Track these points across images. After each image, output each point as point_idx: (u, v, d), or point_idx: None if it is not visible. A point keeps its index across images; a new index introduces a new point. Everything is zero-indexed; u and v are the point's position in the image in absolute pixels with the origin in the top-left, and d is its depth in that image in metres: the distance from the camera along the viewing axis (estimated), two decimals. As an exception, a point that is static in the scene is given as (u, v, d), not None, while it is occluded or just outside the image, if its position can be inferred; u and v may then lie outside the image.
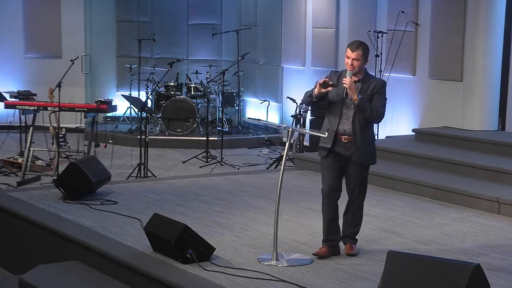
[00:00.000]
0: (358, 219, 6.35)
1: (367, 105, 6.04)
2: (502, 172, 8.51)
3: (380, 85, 6.13)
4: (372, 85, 6.11)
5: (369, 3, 11.90)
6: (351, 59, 6.07)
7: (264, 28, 14.01)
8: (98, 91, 14.53)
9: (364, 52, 6.07)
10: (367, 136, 6.16)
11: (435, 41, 10.90)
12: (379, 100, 6.09)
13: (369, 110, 6.04)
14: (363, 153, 6.15)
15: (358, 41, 6.21)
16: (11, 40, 14.36)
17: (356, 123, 6.10)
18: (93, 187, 8.10)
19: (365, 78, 6.15)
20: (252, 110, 14.37)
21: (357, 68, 6.08)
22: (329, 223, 6.23)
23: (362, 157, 6.16)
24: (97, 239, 6.54)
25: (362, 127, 6.10)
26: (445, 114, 10.76)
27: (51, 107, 10.15)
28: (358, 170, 6.19)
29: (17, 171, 10.17)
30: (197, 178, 9.52)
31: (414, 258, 4.90)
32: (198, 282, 5.51)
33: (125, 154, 11.50)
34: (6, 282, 6.94)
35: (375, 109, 6.06)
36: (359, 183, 6.23)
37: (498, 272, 5.89)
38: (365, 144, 6.14)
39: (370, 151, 6.22)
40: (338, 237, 6.30)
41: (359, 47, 6.08)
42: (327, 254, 6.19)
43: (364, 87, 6.11)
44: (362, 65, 6.10)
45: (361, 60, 6.07)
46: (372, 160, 6.27)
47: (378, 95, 6.09)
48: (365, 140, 6.14)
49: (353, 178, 6.22)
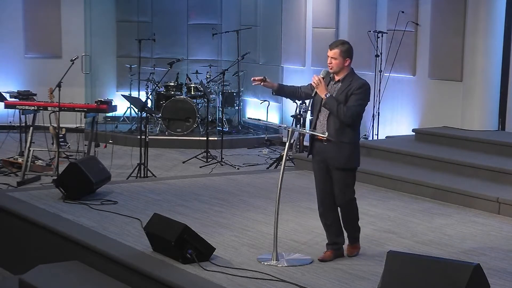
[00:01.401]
0: (349, 222, 6.20)
1: (333, 104, 5.87)
2: (502, 172, 8.50)
3: (357, 86, 5.90)
4: (351, 86, 5.93)
5: (369, 3, 11.90)
6: (329, 58, 5.98)
7: (264, 28, 14.01)
8: (98, 91, 14.53)
9: (342, 50, 5.93)
10: (343, 138, 5.94)
11: (435, 41, 10.90)
12: (352, 100, 5.89)
13: (335, 109, 5.87)
14: (339, 155, 5.96)
15: (338, 40, 6.14)
16: (11, 40, 14.37)
17: (331, 123, 5.96)
18: (93, 187, 8.10)
19: (347, 78, 5.99)
20: (252, 110, 14.37)
21: (335, 67, 5.97)
22: (328, 227, 6.21)
23: (338, 160, 5.98)
24: (97, 239, 6.54)
25: (337, 128, 5.93)
26: (445, 114, 10.76)
27: (51, 107, 10.15)
28: (336, 173, 6.03)
29: (17, 171, 10.17)
30: (197, 178, 9.52)
31: (414, 258, 4.90)
32: (198, 282, 5.52)
33: (125, 154, 11.50)
34: (6, 282, 6.94)
35: (344, 109, 5.86)
36: (340, 187, 6.05)
37: (498, 272, 5.89)
38: (340, 146, 5.95)
39: (347, 154, 5.97)
40: (342, 240, 6.23)
41: (337, 45, 5.97)
42: (332, 258, 6.15)
43: (342, 87, 5.97)
44: (341, 64, 5.96)
45: (339, 59, 5.94)
46: (350, 163, 6.02)
47: (354, 95, 5.89)
48: (341, 142, 5.94)
49: (334, 182, 6.08)
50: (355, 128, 6.03)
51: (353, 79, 5.99)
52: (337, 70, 6.00)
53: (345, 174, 6.05)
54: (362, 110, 6.00)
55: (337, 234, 6.21)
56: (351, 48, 6.02)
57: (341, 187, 6.06)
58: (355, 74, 6.05)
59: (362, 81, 6.00)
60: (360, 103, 5.93)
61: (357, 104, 5.90)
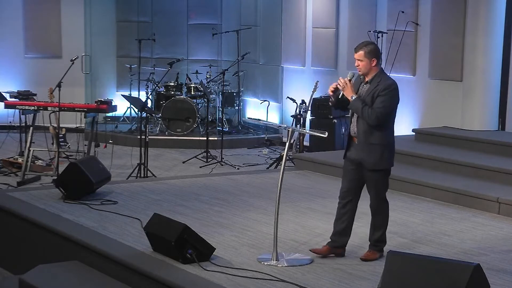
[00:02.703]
0: (376, 225, 6.21)
1: (358, 107, 5.92)
2: (502, 172, 8.50)
3: (383, 87, 5.93)
4: (377, 88, 5.96)
5: (369, 3, 11.91)
6: (356, 60, 6.03)
7: (264, 28, 14.01)
8: (98, 91, 14.53)
9: (366, 51, 5.95)
10: (372, 140, 5.98)
11: (435, 41, 10.90)
12: (377, 102, 5.91)
13: (360, 111, 5.92)
14: (368, 157, 6.01)
15: (363, 42, 6.12)
16: (11, 40, 14.37)
17: (360, 125, 6.02)
18: (93, 187, 8.10)
19: (375, 79, 6.01)
20: (252, 110, 14.37)
21: (362, 69, 6.00)
22: (336, 223, 6.22)
23: (367, 161, 6.02)
24: (97, 239, 6.53)
25: (365, 130, 5.98)
26: (445, 114, 10.76)
27: (51, 107, 10.15)
28: (368, 174, 6.07)
29: (17, 171, 10.17)
30: (197, 178, 9.52)
31: (414, 258, 4.90)
32: (198, 282, 5.51)
33: (125, 154, 11.50)
34: (6, 282, 6.94)
35: (369, 111, 5.90)
36: (372, 188, 6.12)
37: (498, 272, 5.89)
38: (370, 147, 5.99)
39: (377, 155, 5.99)
40: (343, 241, 6.21)
41: (361, 47, 6.00)
42: (325, 253, 6.15)
43: (370, 88, 6.00)
44: (368, 65, 5.97)
45: (365, 61, 5.96)
46: (380, 164, 6.03)
47: (380, 97, 5.92)
48: (369, 143, 5.98)
49: (367, 183, 6.14)
50: (385, 129, 6.03)
51: (381, 79, 6.00)
52: (365, 72, 6.02)
53: (377, 175, 6.08)
54: (389, 111, 5.98)
55: (340, 234, 6.19)
56: (376, 48, 6.04)
57: (373, 184, 6.09)
58: (384, 74, 6.05)
59: (389, 81, 6.01)
60: (385, 104, 5.92)
61: (382, 106, 5.91)
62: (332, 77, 11.61)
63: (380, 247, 6.21)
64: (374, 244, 6.22)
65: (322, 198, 8.36)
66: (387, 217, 6.26)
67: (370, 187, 6.13)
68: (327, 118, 11.66)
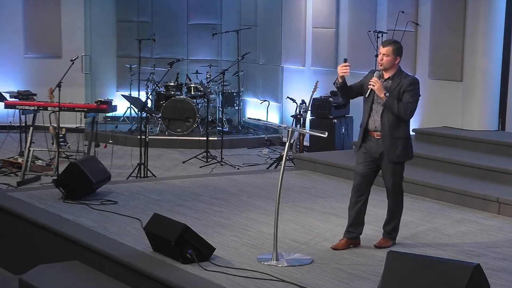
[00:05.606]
0: (392, 216, 6.48)
1: (394, 104, 6.16)
2: (502, 172, 8.51)
3: (409, 82, 6.21)
4: (402, 83, 6.21)
5: (369, 3, 11.90)
6: (381, 54, 6.28)
7: (264, 28, 14.01)
8: (98, 91, 14.53)
9: (394, 48, 6.25)
10: (396, 134, 6.23)
11: (435, 41, 10.90)
12: (407, 97, 6.17)
13: (396, 108, 6.16)
14: (393, 150, 6.25)
15: (391, 39, 6.47)
16: (11, 40, 14.37)
17: (385, 120, 6.23)
18: (93, 187, 8.10)
19: (396, 76, 6.27)
20: (252, 110, 14.37)
21: (385, 64, 6.25)
22: (352, 215, 6.41)
23: (391, 154, 6.26)
24: (97, 239, 6.54)
25: (390, 124, 6.21)
26: (445, 114, 10.76)
27: (51, 107, 10.15)
28: (389, 167, 6.32)
29: (17, 171, 10.17)
30: (197, 178, 9.52)
31: (414, 258, 4.91)
32: (198, 282, 5.52)
33: (125, 154, 11.50)
34: (6, 282, 6.94)
35: (403, 106, 6.15)
36: (391, 179, 6.35)
37: (498, 272, 5.89)
38: (394, 141, 6.24)
39: (402, 148, 6.27)
40: (360, 231, 6.45)
41: (390, 43, 6.30)
42: (345, 247, 6.36)
43: (393, 85, 6.24)
44: (392, 61, 6.25)
45: (391, 56, 6.24)
46: (403, 156, 6.33)
47: (407, 92, 6.18)
48: (394, 137, 6.23)
49: (385, 175, 6.37)
50: (407, 123, 6.35)
51: (402, 76, 6.29)
52: (387, 67, 6.29)
53: (399, 166, 6.41)
54: (417, 104, 6.28)
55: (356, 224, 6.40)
56: (402, 48, 6.38)
57: (392, 176, 6.34)
58: (403, 72, 6.36)
59: (411, 77, 6.37)
60: (415, 99, 6.24)
61: (412, 100, 6.21)
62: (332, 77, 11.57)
63: (394, 236, 6.52)
64: (389, 233, 6.52)
65: (322, 198, 8.37)
66: (402, 207, 6.54)
67: (388, 178, 6.37)
68: (327, 118, 11.66)
